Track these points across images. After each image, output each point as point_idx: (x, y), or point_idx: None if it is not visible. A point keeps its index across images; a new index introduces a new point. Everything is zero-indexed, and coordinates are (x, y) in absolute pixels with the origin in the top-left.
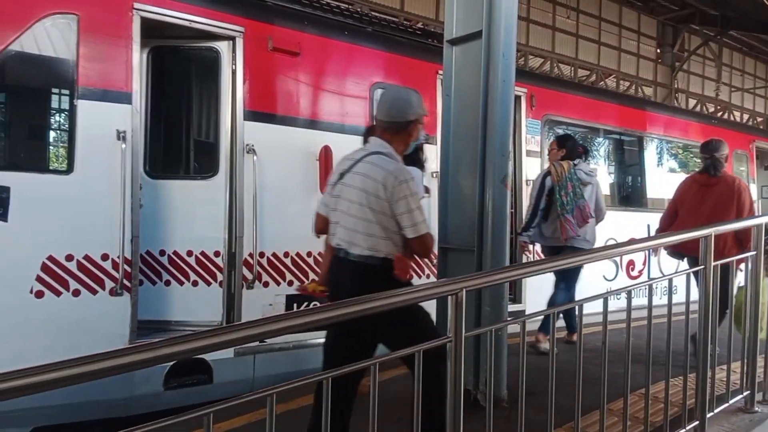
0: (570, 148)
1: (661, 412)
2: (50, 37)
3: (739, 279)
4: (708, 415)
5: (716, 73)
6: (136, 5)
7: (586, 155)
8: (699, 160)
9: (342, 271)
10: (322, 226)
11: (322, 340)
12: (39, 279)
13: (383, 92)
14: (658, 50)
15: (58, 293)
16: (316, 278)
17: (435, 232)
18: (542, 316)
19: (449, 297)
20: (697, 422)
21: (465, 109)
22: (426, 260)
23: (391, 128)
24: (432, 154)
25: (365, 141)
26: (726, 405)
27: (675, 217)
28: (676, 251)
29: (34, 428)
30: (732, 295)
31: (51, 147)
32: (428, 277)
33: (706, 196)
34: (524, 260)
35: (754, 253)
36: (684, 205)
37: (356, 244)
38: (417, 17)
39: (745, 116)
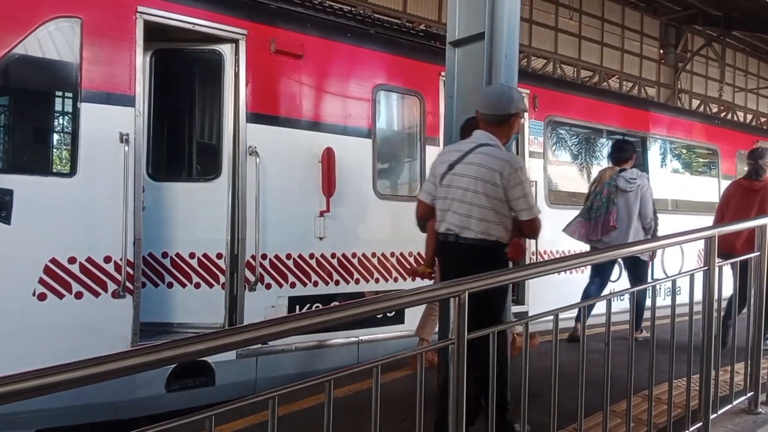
0: (613, 155)
1: (664, 413)
2: (54, 41)
3: None
4: (711, 417)
5: (719, 73)
6: (140, 8)
7: (620, 160)
8: (702, 161)
9: (453, 254)
10: (423, 212)
11: (323, 342)
12: (41, 281)
13: (486, 88)
14: (661, 51)
15: (60, 296)
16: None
17: None
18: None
19: (452, 299)
20: (700, 423)
21: (468, 110)
22: None
23: (493, 121)
24: (435, 156)
25: (464, 135)
26: (730, 406)
27: (722, 220)
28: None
29: (37, 430)
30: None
31: (54, 150)
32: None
33: (751, 199)
34: None
35: (758, 253)
36: (729, 208)
37: (469, 228)
38: (419, 19)
39: (749, 116)
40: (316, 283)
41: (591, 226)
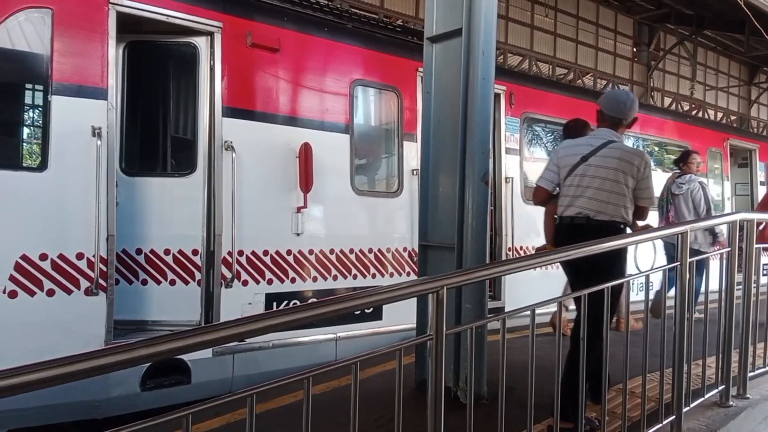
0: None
1: (638, 407)
2: (24, 32)
3: None
4: (684, 410)
5: (691, 71)
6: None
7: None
8: (673, 158)
9: (583, 234)
10: (544, 197)
11: (301, 339)
12: (12, 278)
13: (615, 93)
14: (635, 49)
15: (31, 293)
16: None
17: (415, 230)
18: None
19: (430, 295)
20: (673, 417)
21: (445, 106)
22: (408, 258)
23: (618, 123)
24: (412, 152)
25: (570, 132)
26: (702, 399)
27: None
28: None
29: (8, 431)
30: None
31: (24, 143)
32: (408, 274)
33: None
34: None
35: (728, 249)
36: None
37: (604, 212)
38: (397, 14)
39: (719, 114)
40: (293, 280)
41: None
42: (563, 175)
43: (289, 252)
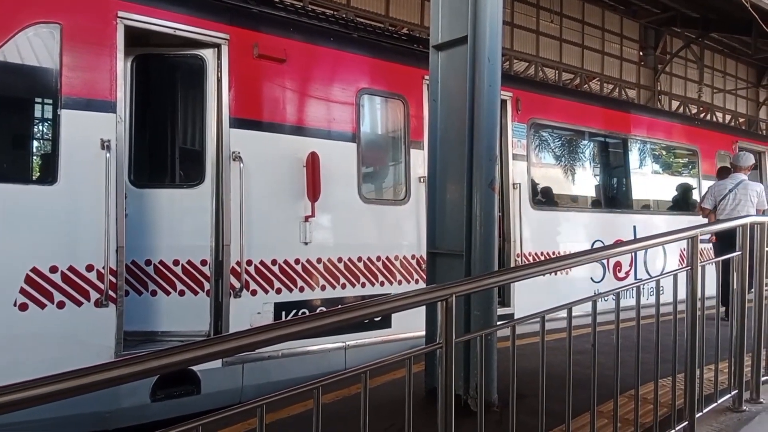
0: None
1: (650, 413)
2: (33, 47)
3: None
4: (697, 415)
5: (698, 74)
6: (120, 14)
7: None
8: (682, 161)
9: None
10: (707, 213)
11: (310, 348)
12: (23, 291)
13: (737, 153)
14: (641, 53)
15: (42, 305)
16: None
17: (423, 238)
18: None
19: (439, 303)
20: (686, 422)
21: (452, 113)
22: (416, 265)
23: (741, 168)
24: (419, 159)
25: (720, 173)
26: (714, 405)
27: None
28: None
29: None
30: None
31: (34, 157)
32: (417, 282)
33: None
34: None
35: (740, 253)
36: None
37: (740, 216)
38: (402, 23)
39: (728, 117)
40: (302, 289)
41: None
42: (718, 200)
43: (297, 261)
